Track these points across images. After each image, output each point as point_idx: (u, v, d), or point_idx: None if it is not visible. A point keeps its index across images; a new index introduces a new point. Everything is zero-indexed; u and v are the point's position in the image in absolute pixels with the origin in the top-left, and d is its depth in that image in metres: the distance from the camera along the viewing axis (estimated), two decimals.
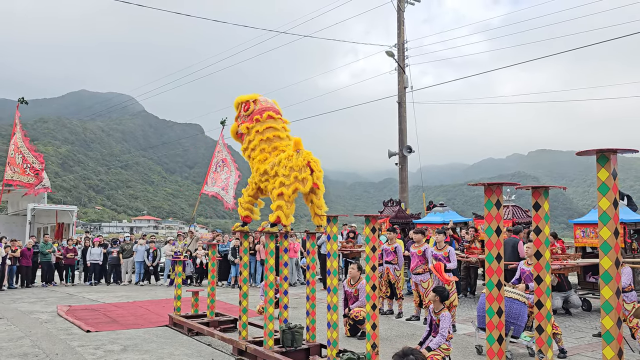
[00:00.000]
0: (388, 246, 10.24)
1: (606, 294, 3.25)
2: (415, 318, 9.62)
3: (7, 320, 9.86)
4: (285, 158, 6.52)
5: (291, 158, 6.43)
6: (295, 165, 6.35)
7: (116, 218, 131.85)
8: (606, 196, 3.29)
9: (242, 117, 7.32)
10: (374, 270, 5.35)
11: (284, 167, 6.44)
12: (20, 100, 19.21)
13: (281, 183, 6.39)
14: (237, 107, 7.51)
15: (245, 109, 7.27)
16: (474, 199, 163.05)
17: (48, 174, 21.19)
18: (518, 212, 13.22)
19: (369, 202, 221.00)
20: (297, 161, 6.36)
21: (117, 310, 11.24)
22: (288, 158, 6.47)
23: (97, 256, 17.39)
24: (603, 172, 3.31)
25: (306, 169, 6.34)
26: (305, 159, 6.37)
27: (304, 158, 6.37)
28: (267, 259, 6.83)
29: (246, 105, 7.29)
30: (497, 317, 3.79)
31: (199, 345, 7.75)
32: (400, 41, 19.94)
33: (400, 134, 19.71)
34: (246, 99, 7.39)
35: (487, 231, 3.86)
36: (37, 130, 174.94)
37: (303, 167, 6.34)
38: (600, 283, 3.31)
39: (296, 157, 6.40)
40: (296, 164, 6.35)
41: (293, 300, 10.87)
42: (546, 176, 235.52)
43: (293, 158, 6.41)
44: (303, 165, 6.34)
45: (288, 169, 6.38)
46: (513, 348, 7.21)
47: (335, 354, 5.75)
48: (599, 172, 3.33)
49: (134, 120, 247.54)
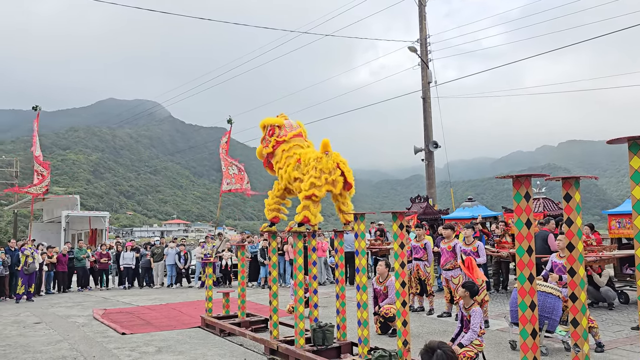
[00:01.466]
0: (417, 243, 10.16)
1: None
2: (446, 314, 9.53)
3: (46, 325, 10.15)
4: (314, 159, 6.52)
5: (321, 160, 6.43)
6: (325, 167, 6.35)
7: (147, 222, 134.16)
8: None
9: (267, 141, 7.46)
10: (403, 267, 5.32)
11: (314, 169, 6.44)
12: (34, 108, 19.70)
13: (312, 184, 6.40)
14: (264, 129, 7.63)
15: (270, 134, 7.39)
16: (503, 193, 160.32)
17: (80, 181, 22.11)
18: (549, 204, 12.97)
19: (395, 199, 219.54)
20: (327, 163, 6.36)
21: (151, 312, 11.45)
22: (317, 160, 6.47)
23: (130, 260, 17.75)
24: (635, 159, 3.22)
25: (336, 171, 6.35)
26: (335, 160, 6.38)
27: (333, 160, 6.38)
28: (295, 258, 6.86)
29: (271, 130, 7.40)
30: (530, 311, 3.72)
31: (231, 346, 7.83)
32: (423, 36, 19.76)
33: (426, 130, 19.54)
34: (272, 122, 7.49)
35: (517, 224, 3.79)
36: (68, 139, 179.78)
37: (333, 169, 6.34)
38: (637, 275, 3.22)
39: (326, 159, 6.39)
40: (326, 166, 6.35)
41: (322, 299, 10.90)
42: (578, 167, 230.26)
43: (323, 160, 6.41)
44: (333, 167, 6.34)
45: (318, 170, 6.39)
46: (548, 343, 7.07)
47: (367, 352, 5.74)
48: (632, 160, 3.23)
49: (161, 126, 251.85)
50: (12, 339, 8.75)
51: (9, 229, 48.35)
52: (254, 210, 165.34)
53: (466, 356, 6.00)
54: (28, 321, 10.70)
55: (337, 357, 6.58)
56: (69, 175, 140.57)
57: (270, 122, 7.50)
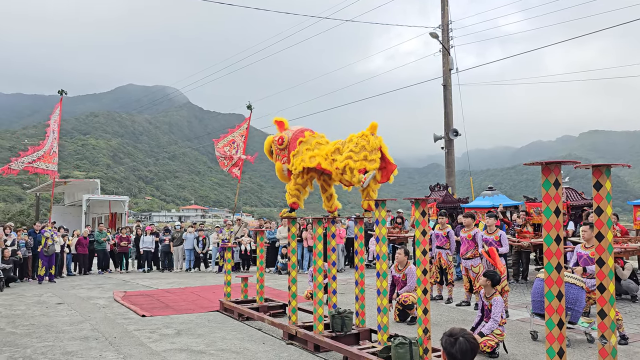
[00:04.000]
0: (440, 230, 10.07)
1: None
2: (465, 304, 9.45)
3: (68, 306, 10.33)
4: (359, 136, 6.37)
5: (366, 137, 6.30)
6: (369, 145, 6.22)
7: (165, 208, 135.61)
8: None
9: (280, 152, 7.24)
10: (425, 255, 5.25)
11: (355, 145, 6.28)
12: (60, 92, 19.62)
13: (348, 157, 6.25)
14: (269, 149, 7.49)
15: (279, 143, 7.20)
16: (522, 183, 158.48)
17: (100, 166, 22.11)
18: (572, 194, 12.73)
19: (413, 188, 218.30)
20: (373, 142, 6.24)
21: (170, 296, 11.58)
22: (362, 136, 6.32)
23: (150, 244, 17.96)
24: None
25: (377, 152, 6.26)
26: (379, 142, 6.29)
27: (379, 141, 6.29)
28: (315, 244, 6.83)
29: (279, 139, 7.21)
30: (557, 301, 3.64)
31: (249, 330, 7.88)
32: (445, 22, 19.42)
33: (446, 117, 19.29)
34: (275, 136, 7.33)
35: (546, 212, 3.70)
36: (88, 124, 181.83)
37: (375, 149, 6.25)
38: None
39: (372, 138, 6.29)
40: (370, 144, 6.22)
41: (341, 286, 10.89)
42: (600, 158, 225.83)
43: (368, 137, 6.29)
44: (375, 147, 6.25)
45: (360, 147, 6.25)
46: (570, 334, 6.95)
47: (386, 339, 5.71)
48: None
49: (179, 112, 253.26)
50: (36, 318, 8.92)
51: (31, 211, 49.32)
52: (270, 197, 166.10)
53: (487, 345, 5.95)
54: (50, 302, 10.90)
55: (355, 343, 6.57)
56: (89, 160, 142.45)
57: (274, 137, 7.36)
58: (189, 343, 7.00)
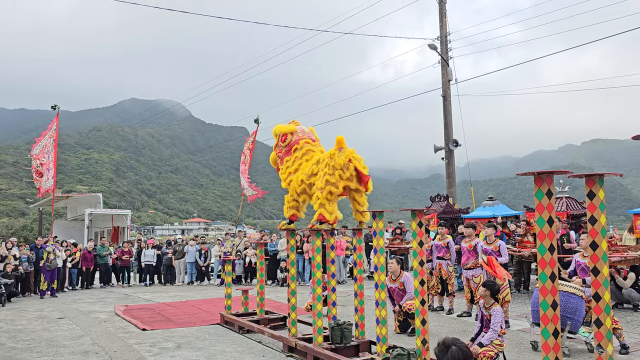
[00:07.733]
0: (439, 241, 10.08)
1: None
2: (466, 314, 9.43)
3: (69, 320, 10.33)
4: (327, 156, 6.52)
5: (333, 157, 6.42)
6: (337, 163, 6.32)
7: (168, 221, 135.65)
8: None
9: (280, 147, 7.58)
10: (422, 265, 5.27)
11: (327, 166, 6.43)
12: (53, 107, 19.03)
13: (327, 181, 6.38)
14: (276, 136, 7.73)
15: (283, 140, 7.51)
16: (524, 192, 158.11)
17: (102, 180, 21.94)
18: (572, 203, 12.73)
19: (415, 199, 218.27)
20: (339, 159, 6.34)
21: (171, 309, 11.57)
22: (330, 156, 6.46)
23: (151, 257, 17.96)
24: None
25: (350, 166, 6.31)
26: (347, 156, 6.34)
27: (345, 156, 6.34)
28: (314, 256, 6.85)
29: (284, 137, 7.51)
30: (551, 310, 3.65)
31: (249, 343, 7.87)
32: (443, 33, 19.57)
33: (446, 128, 19.36)
34: (284, 130, 7.57)
35: (539, 222, 3.73)
36: (91, 138, 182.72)
37: (345, 165, 6.31)
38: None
39: (338, 155, 6.37)
40: (338, 162, 6.33)
41: (341, 297, 10.88)
42: (602, 167, 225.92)
43: (335, 156, 6.39)
44: (345, 163, 6.31)
45: (331, 167, 6.37)
46: (571, 344, 6.94)
47: (385, 350, 5.71)
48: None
49: (181, 125, 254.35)
50: (37, 333, 8.93)
51: (34, 226, 49.40)
52: (273, 209, 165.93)
53: (486, 356, 5.93)
54: (52, 316, 10.90)
55: (355, 355, 6.56)
56: (92, 174, 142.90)
57: (283, 130, 7.58)
58: (188, 356, 6.99)
